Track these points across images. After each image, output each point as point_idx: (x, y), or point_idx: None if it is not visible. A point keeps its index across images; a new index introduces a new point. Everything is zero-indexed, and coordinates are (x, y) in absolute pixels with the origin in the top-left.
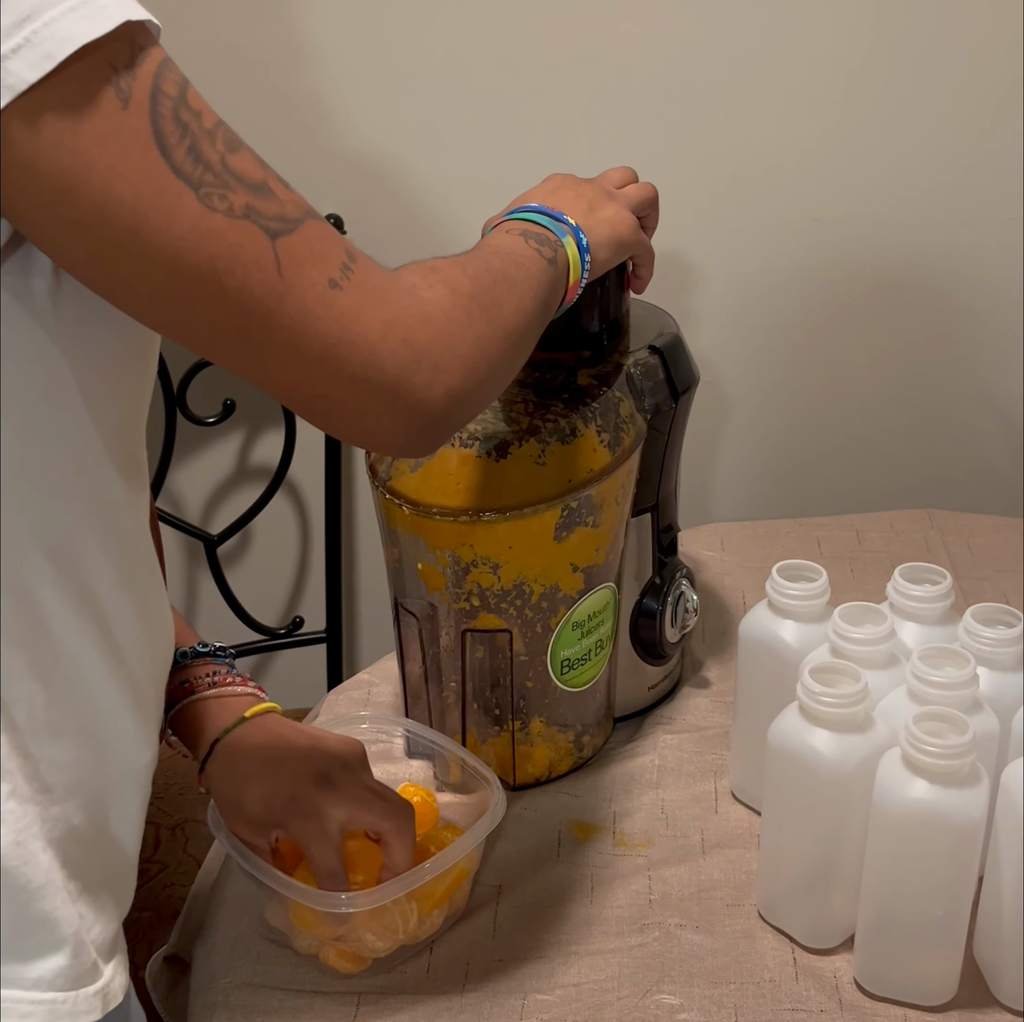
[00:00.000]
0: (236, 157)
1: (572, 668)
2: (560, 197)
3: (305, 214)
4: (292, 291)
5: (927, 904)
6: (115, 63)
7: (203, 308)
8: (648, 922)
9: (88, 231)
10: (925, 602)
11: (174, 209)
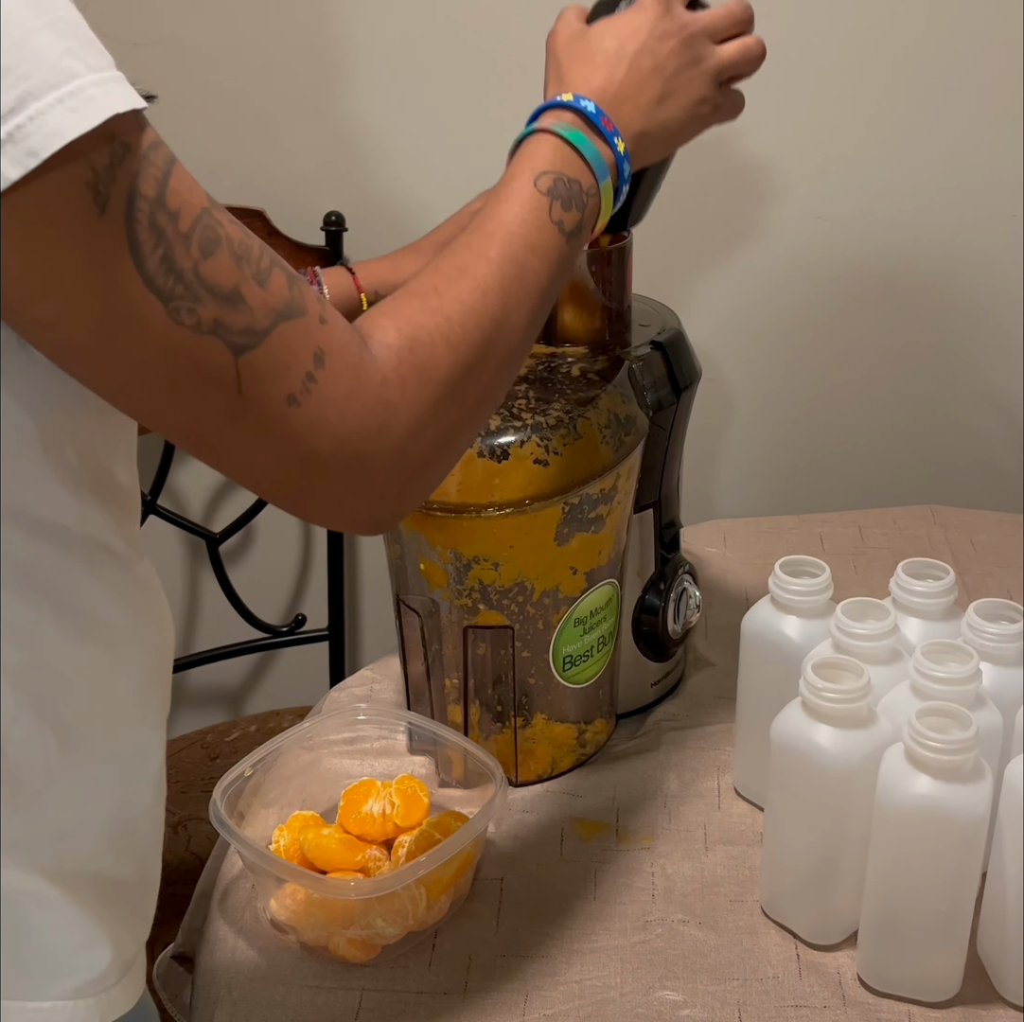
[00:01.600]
0: (210, 262)
1: (574, 664)
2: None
3: (276, 319)
4: (248, 408)
5: (930, 900)
6: (95, 165)
7: (165, 411)
8: (651, 918)
9: (51, 332)
10: (928, 598)
11: (142, 321)
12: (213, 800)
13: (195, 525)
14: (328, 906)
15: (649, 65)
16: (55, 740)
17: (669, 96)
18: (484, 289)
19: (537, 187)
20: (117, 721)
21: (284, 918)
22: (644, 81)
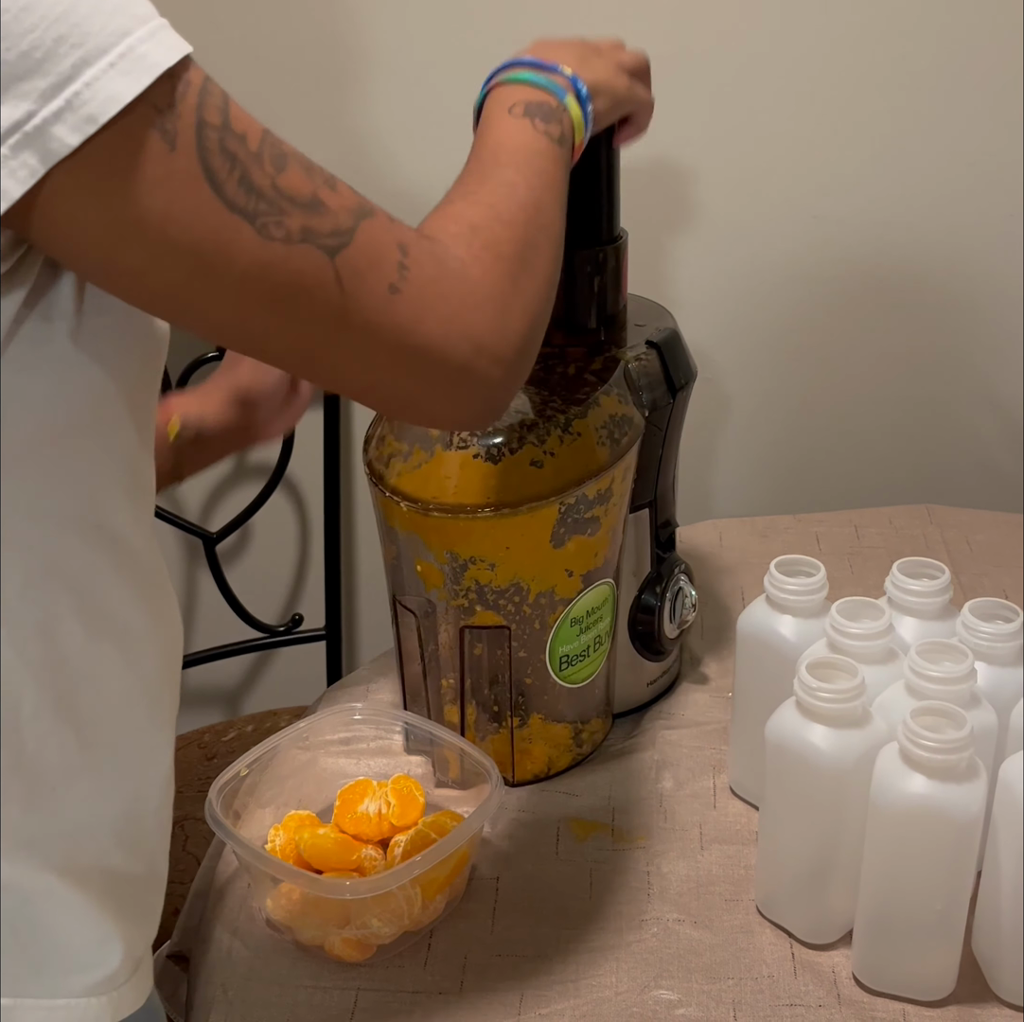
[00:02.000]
0: (285, 175)
1: (571, 664)
2: (548, 50)
3: (357, 216)
4: (355, 305)
5: (925, 899)
6: (159, 105)
7: (271, 332)
8: (646, 918)
9: (148, 276)
10: (923, 597)
11: (233, 245)
12: (209, 799)
13: (192, 525)
14: (324, 906)
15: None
16: (74, 737)
17: (587, 62)
18: (511, 182)
19: (513, 114)
20: (131, 719)
21: (280, 918)
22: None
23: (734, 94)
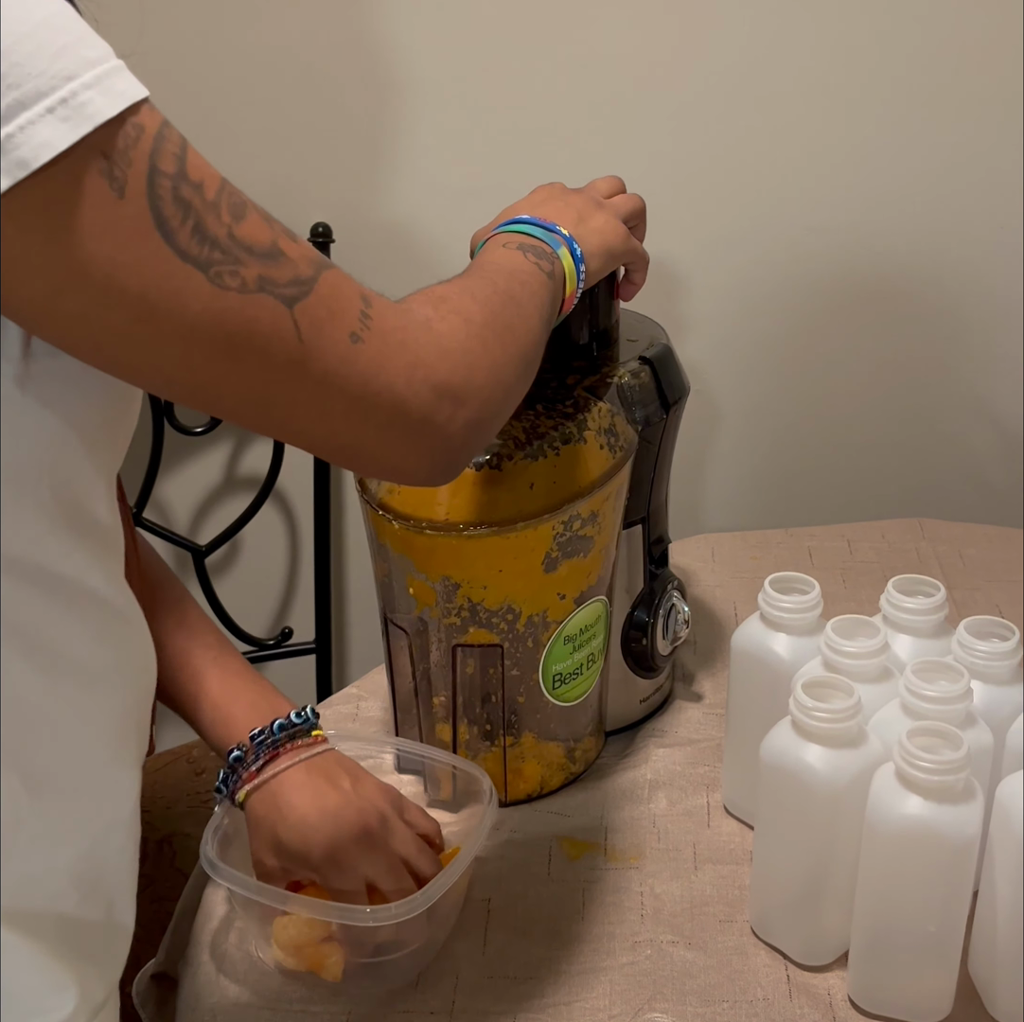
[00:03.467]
0: (243, 225)
1: (564, 682)
2: (549, 208)
3: (318, 268)
4: (314, 355)
5: (921, 920)
6: (106, 151)
7: (223, 382)
8: (640, 939)
9: (91, 323)
10: (918, 615)
11: (184, 293)
12: (203, 846)
13: (181, 538)
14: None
15: (560, 203)
16: (20, 785)
17: (584, 219)
18: (490, 278)
19: (506, 248)
20: (89, 762)
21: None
22: (559, 211)
23: (725, 107)
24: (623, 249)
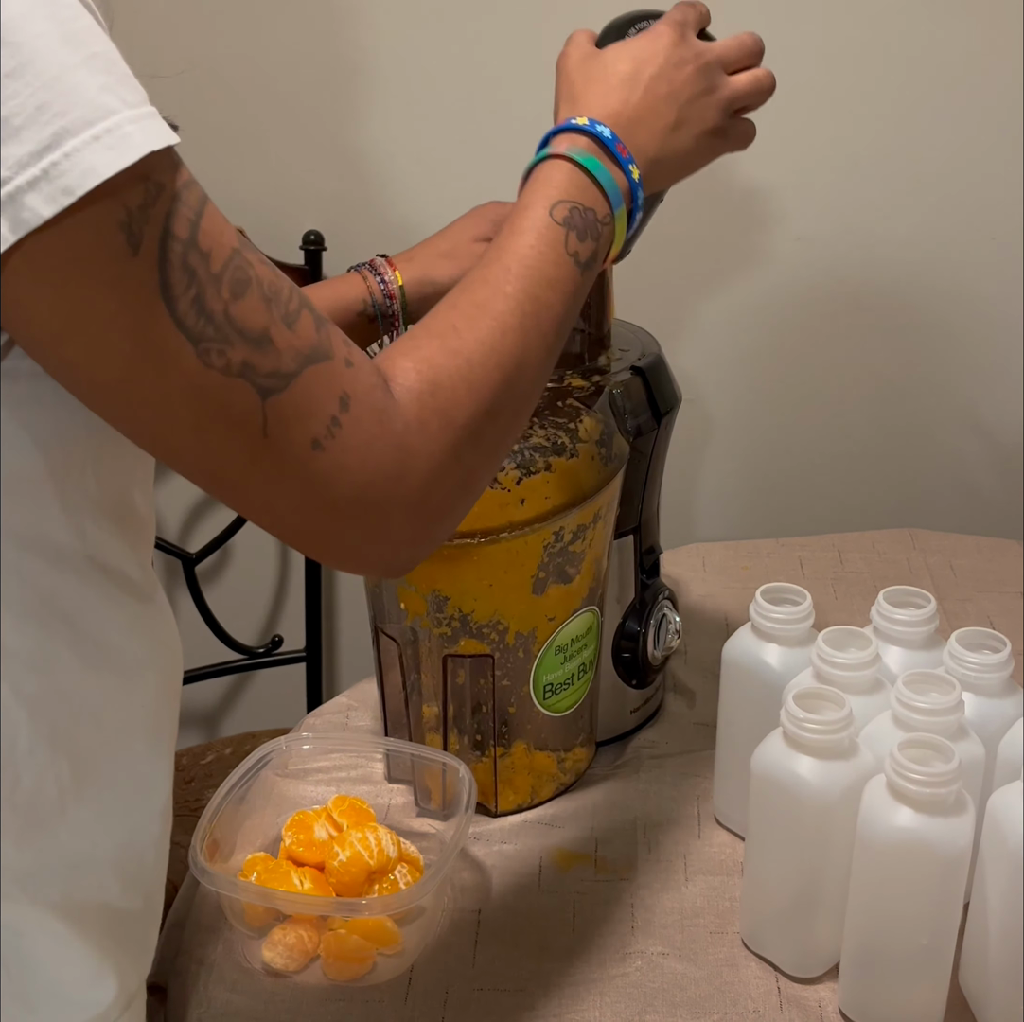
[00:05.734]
0: (240, 304)
1: (555, 693)
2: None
3: (303, 363)
4: (272, 452)
5: (912, 933)
6: (129, 204)
7: (184, 451)
8: (630, 951)
9: (75, 372)
10: (909, 626)
11: (170, 364)
12: (192, 850)
13: (171, 545)
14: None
15: (665, 91)
16: (69, 771)
17: (683, 124)
18: (503, 328)
19: (553, 217)
20: (129, 750)
21: (281, 965)
22: (659, 106)
23: None
24: (703, 164)
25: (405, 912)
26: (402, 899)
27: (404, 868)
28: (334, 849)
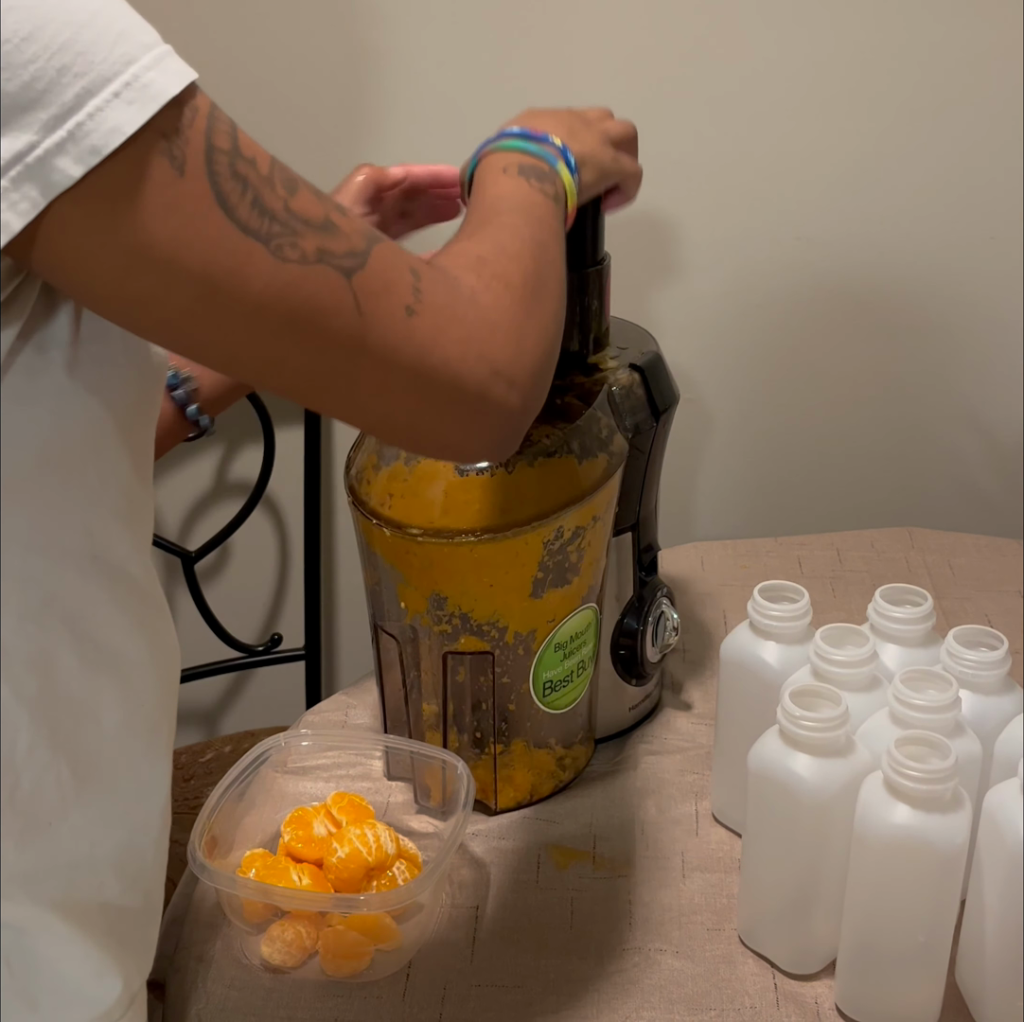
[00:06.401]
0: (297, 198)
1: (554, 690)
2: (537, 120)
3: (370, 240)
4: (373, 327)
5: (909, 930)
6: (165, 131)
7: (286, 359)
8: (628, 947)
9: (157, 303)
10: (906, 624)
11: (247, 268)
12: (191, 845)
13: (170, 543)
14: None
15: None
16: (69, 772)
17: (575, 133)
18: (513, 224)
19: (507, 174)
20: (129, 751)
21: (268, 957)
22: (551, 124)
23: (716, 115)
24: (612, 167)
25: (403, 908)
26: (400, 895)
27: (403, 865)
28: (333, 845)
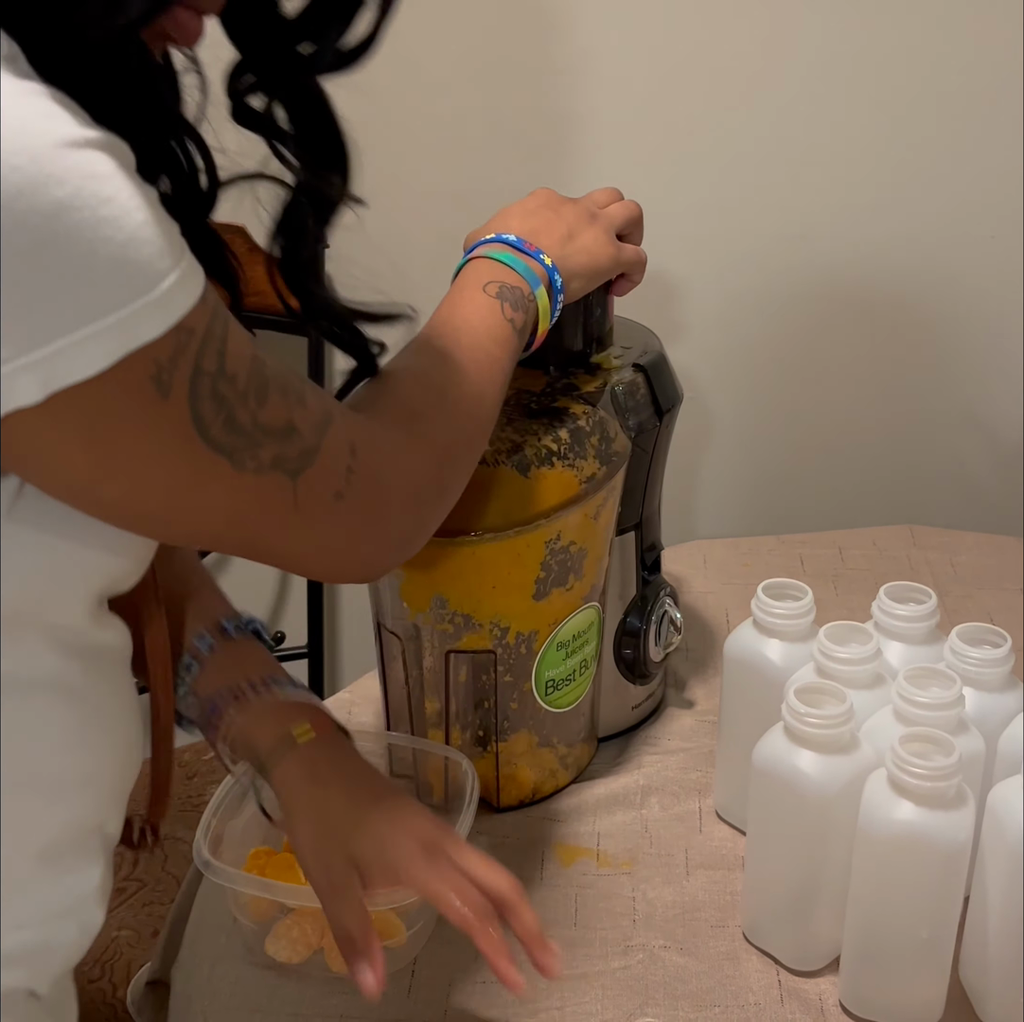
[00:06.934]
0: (265, 409)
1: (557, 689)
2: (540, 218)
3: (321, 432)
4: (303, 517)
5: (913, 926)
6: (159, 358)
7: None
8: (632, 944)
9: (118, 508)
10: (910, 621)
11: (208, 481)
12: (197, 843)
13: None
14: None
15: (552, 215)
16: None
17: (574, 235)
18: (463, 371)
19: (486, 292)
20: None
21: (283, 958)
22: (550, 224)
23: (717, 116)
24: (611, 267)
25: (408, 905)
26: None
27: None
28: None
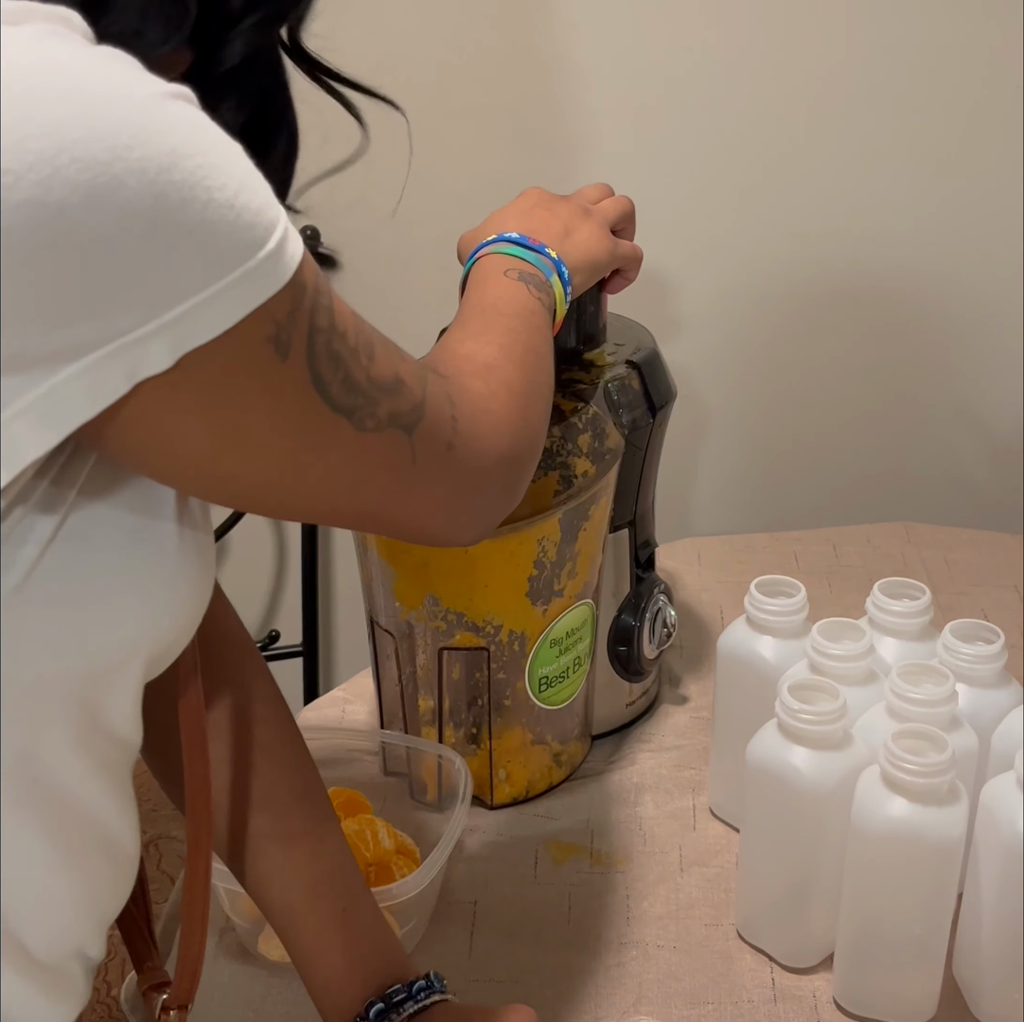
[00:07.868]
0: (375, 364)
1: (550, 686)
2: (536, 218)
3: (423, 384)
4: (421, 470)
5: (906, 923)
6: (277, 316)
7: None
8: (626, 941)
9: (238, 480)
10: (904, 617)
11: (331, 442)
12: None
13: None
14: None
15: (547, 214)
16: None
17: (571, 232)
18: (514, 329)
19: (508, 277)
20: None
21: (276, 958)
22: (546, 223)
23: (716, 112)
24: (608, 261)
25: (401, 904)
26: (398, 890)
27: (400, 860)
28: None
